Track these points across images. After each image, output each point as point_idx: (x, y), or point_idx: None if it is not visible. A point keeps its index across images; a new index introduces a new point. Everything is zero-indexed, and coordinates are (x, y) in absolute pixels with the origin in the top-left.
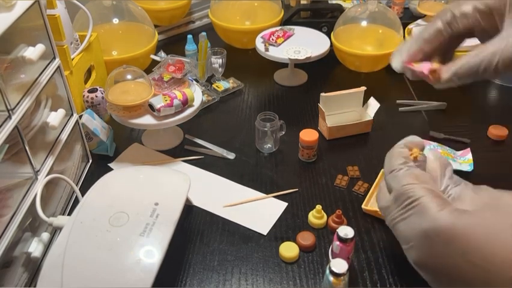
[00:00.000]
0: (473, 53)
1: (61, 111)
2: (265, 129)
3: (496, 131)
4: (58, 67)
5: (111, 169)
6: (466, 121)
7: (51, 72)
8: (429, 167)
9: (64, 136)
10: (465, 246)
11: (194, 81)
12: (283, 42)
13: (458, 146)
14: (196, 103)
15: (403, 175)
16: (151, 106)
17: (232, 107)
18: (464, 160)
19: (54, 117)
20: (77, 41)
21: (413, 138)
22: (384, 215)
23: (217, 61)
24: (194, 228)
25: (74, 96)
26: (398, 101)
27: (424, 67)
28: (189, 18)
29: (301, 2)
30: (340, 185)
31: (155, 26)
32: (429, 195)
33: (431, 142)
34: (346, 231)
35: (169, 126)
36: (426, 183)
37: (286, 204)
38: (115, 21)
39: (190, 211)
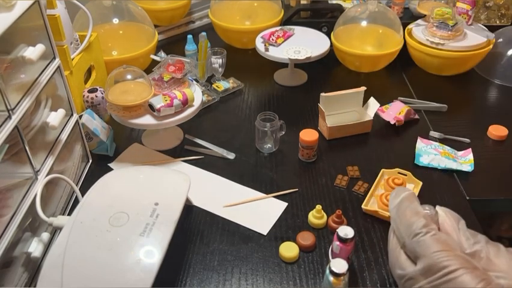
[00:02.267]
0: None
1: (61, 111)
2: (265, 129)
3: (496, 131)
4: (58, 67)
5: (111, 169)
6: (466, 121)
7: (51, 72)
8: (442, 223)
9: (63, 136)
10: None
11: (194, 81)
12: (283, 42)
13: (458, 146)
14: (196, 103)
15: (431, 241)
16: (151, 106)
17: (232, 107)
18: (465, 160)
19: (54, 117)
20: (77, 41)
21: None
22: (405, 285)
23: (217, 61)
24: (194, 228)
25: (74, 96)
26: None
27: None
28: (189, 18)
29: (301, 2)
30: (340, 185)
31: (155, 26)
32: (468, 267)
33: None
34: (346, 231)
35: (169, 126)
36: (457, 250)
37: (286, 204)
38: (115, 21)
39: (190, 211)
